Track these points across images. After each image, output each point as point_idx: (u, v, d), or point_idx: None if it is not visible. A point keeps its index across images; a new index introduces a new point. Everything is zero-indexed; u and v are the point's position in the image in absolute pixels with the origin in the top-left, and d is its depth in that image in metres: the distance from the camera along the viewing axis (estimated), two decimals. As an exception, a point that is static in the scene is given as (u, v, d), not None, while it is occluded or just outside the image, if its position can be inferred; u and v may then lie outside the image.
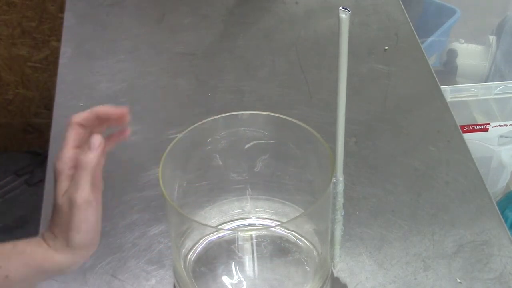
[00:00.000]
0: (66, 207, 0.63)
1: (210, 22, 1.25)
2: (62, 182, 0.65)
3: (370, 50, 1.17)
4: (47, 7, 1.63)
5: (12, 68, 1.73)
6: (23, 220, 1.55)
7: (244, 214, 0.85)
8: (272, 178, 0.84)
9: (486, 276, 0.81)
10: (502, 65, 1.72)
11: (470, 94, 1.39)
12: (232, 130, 0.79)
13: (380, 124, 1.03)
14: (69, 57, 1.16)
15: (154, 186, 0.92)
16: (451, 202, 0.90)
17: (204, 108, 1.06)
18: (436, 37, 1.65)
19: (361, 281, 0.80)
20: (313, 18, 1.25)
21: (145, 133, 1.01)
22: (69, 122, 0.68)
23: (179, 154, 0.75)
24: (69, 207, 0.63)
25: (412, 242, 0.85)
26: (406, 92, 1.09)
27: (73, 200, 0.63)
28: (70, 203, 0.63)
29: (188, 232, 0.78)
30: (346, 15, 0.59)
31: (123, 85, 1.10)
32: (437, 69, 1.51)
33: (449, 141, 0.99)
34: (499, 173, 1.49)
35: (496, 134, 1.44)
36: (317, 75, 1.12)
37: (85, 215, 0.63)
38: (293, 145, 0.79)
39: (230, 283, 0.78)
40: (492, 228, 0.86)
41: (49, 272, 0.65)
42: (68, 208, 0.63)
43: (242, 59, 1.16)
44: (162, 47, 1.19)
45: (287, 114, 0.77)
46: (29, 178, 1.64)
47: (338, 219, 0.75)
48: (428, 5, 1.72)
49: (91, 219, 0.64)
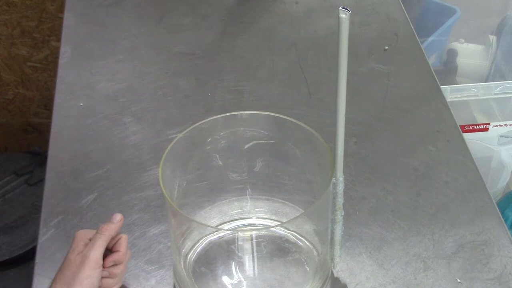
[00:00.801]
0: (78, 263, 0.70)
1: (210, 22, 1.25)
2: (79, 245, 0.72)
3: (370, 50, 1.17)
4: (46, 7, 1.63)
5: (12, 68, 1.73)
6: (23, 220, 1.55)
7: (244, 214, 0.85)
8: (272, 178, 0.84)
9: (486, 276, 0.81)
10: (502, 65, 1.72)
11: (470, 94, 1.39)
12: (232, 130, 0.79)
13: (380, 124, 1.03)
14: (68, 57, 1.16)
15: (154, 186, 0.92)
16: (451, 202, 0.90)
17: (203, 108, 1.06)
18: (436, 36, 1.64)
19: (361, 281, 0.80)
20: (313, 18, 1.25)
21: (145, 133, 1.01)
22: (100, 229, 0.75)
23: (179, 154, 0.75)
24: (80, 263, 0.70)
25: (412, 242, 0.85)
26: (406, 92, 1.09)
27: (86, 256, 0.70)
28: (82, 259, 0.70)
29: (188, 232, 0.78)
30: (346, 15, 0.59)
31: (123, 85, 1.10)
32: (437, 69, 1.50)
33: (449, 141, 0.99)
34: (499, 173, 1.49)
35: (496, 134, 1.44)
36: (317, 75, 1.12)
37: (92, 273, 0.70)
38: (293, 145, 0.79)
39: (230, 283, 0.78)
40: (492, 228, 0.86)
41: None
42: (79, 263, 0.70)
43: (242, 59, 1.16)
44: (162, 47, 1.19)
45: (287, 114, 0.77)
46: (29, 178, 1.64)
47: (338, 219, 0.75)
48: (428, 5, 1.72)
49: (95, 281, 0.70)
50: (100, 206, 0.90)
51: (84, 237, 0.73)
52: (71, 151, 0.99)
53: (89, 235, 0.73)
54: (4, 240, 1.52)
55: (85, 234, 0.74)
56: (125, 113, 1.05)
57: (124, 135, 1.01)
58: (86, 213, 0.89)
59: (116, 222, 0.74)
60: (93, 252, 0.71)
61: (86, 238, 0.73)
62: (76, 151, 0.99)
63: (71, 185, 0.93)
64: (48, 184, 0.93)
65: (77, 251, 0.72)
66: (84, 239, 0.73)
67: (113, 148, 0.99)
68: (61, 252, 0.84)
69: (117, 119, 1.04)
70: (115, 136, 1.01)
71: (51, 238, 0.86)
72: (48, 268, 0.82)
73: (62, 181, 0.94)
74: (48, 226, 0.87)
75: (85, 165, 0.96)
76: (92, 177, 0.94)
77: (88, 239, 0.73)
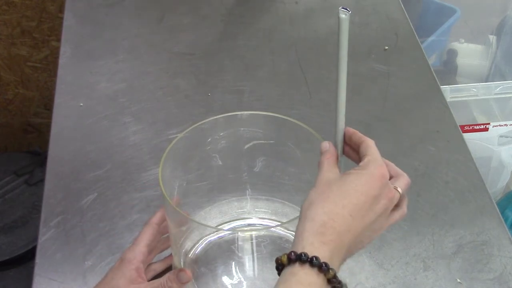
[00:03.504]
0: None
1: (210, 22, 1.25)
2: (131, 271, 0.70)
3: (370, 50, 1.17)
4: (46, 7, 1.63)
5: (12, 68, 1.73)
6: (23, 220, 1.55)
7: (244, 214, 0.85)
8: (272, 178, 0.84)
9: (486, 276, 0.81)
10: (502, 65, 1.72)
11: (470, 94, 1.39)
12: (232, 130, 0.79)
13: (380, 124, 1.03)
14: (68, 57, 1.16)
15: (154, 186, 0.92)
16: (451, 202, 0.90)
17: (203, 108, 1.06)
18: (436, 36, 1.64)
19: (361, 281, 0.80)
20: (313, 18, 1.25)
21: (145, 133, 1.01)
22: (148, 222, 0.74)
23: (179, 154, 0.75)
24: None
25: (412, 242, 0.85)
26: (406, 92, 1.09)
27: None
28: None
29: (188, 232, 0.78)
30: (346, 15, 0.59)
31: (123, 85, 1.10)
32: (437, 69, 1.50)
33: (449, 141, 0.99)
34: (499, 173, 1.48)
35: (496, 134, 1.44)
36: (316, 75, 1.12)
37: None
38: (293, 145, 0.79)
39: (230, 283, 0.78)
40: (492, 228, 0.86)
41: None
42: None
43: (242, 59, 1.16)
44: (162, 47, 1.19)
45: (287, 114, 0.77)
46: (29, 178, 1.64)
47: (338, 219, 0.75)
48: (428, 5, 1.72)
49: None
50: (100, 206, 0.90)
51: (135, 257, 0.72)
52: (71, 151, 0.99)
53: (139, 255, 0.72)
54: (4, 240, 1.52)
55: (136, 253, 0.72)
56: (125, 113, 1.05)
57: (124, 135, 1.01)
58: (86, 213, 0.89)
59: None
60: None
61: (136, 260, 0.71)
62: (76, 151, 0.99)
63: (71, 185, 0.93)
64: (48, 184, 0.93)
65: (127, 278, 0.70)
66: (134, 262, 0.71)
67: (113, 148, 0.99)
68: (61, 252, 0.84)
69: (117, 119, 1.04)
70: (115, 136, 1.01)
71: (51, 238, 0.86)
72: (48, 268, 0.82)
73: (62, 181, 0.94)
74: (48, 226, 0.87)
75: (85, 165, 0.96)
76: (92, 177, 0.94)
77: (138, 261, 0.72)
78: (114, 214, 0.89)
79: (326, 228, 0.56)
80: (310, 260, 0.54)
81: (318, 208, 0.57)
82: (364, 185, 0.59)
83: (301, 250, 0.55)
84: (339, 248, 0.57)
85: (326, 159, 0.63)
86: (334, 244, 0.56)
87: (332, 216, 0.57)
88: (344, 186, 0.59)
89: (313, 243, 0.55)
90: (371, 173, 0.60)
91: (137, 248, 0.72)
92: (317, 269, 0.54)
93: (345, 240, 0.57)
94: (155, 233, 0.74)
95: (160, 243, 0.77)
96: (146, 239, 0.73)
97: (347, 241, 0.57)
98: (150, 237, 0.73)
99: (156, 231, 0.74)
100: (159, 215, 0.75)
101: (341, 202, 0.57)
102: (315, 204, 0.58)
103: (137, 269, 0.71)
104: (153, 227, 0.74)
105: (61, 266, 0.83)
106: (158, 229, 0.75)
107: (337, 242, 0.56)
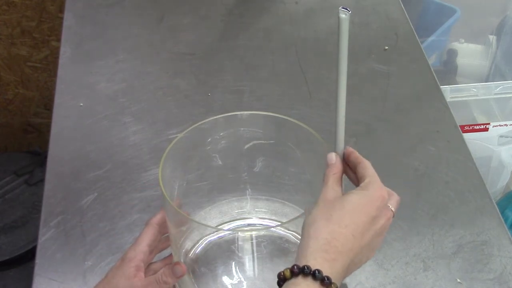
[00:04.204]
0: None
1: (210, 22, 1.25)
2: (131, 268, 0.69)
3: (370, 50, 1.17)
4: (46, 7, 1.63)
5: (12, 68, 1.73)
6: (23, 220, 1.55)
7: (244, 214, 0.85)
8: (271, 178, 0.84)
9: (486, 276, 0.81)
10: (502, 65, 1.72)
11: (470, 94, 1.39)
12: (231, 130, 0.79)
13: (380, 124, 1.03)
14: (68, 57, 1.16)
15: (154, 186, 0.92)
16: (451, 202, 0.90)
17: (203, 108, 1.06)
18: (436, 36, 1.64)
19: (361, 282, 0.80)
20: (313, 18, 1.25)
21: (145, 133, 1.01)
22: (149, 222, 0.73)
23: (179, 154, 0.75)
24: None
25: (412, 242, 0.85)
26: (406, 92, 1.09)
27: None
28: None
29: (188, 232, 0.78)
30: (346, 15, 0.59)
31: (123, 85, 1.10)
32: (437, 69, 1.50)
33: (449, 141, 0.99)
34: (499, 173, 1.48)
35: (496, 134, 1.44)
36: (316, 75, 1.12)
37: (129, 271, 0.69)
38: (293, 145, 0.79)
39: (230, 283, 0.78)
40: (492, 228, 0.86)
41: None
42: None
43: (242, 59, 1.16)
44: (162, 47, 1.19)
45: (287, 114, 0.77)
46: (29, 178, 1.64)
47: (338, 219, 0.75)
48: (428, 5, 1.72)
49: None
50: (100, 206, 0.90)
51: (136, 256, 0.71)
52: (71, 151, 0.99)
53: (141, 254, 0.71)
54: (4, 240, 1.52)
55: (137, 252, 0.71)
56: (125, 113, 1.05)
57: (124, 135, 1.01)
58: (86, 213, 0.89)
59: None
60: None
61: (137, 258, 0.71)
62: (76, 151, 0.99)
63: (71, 185, 0.93)
64: (48, 184, 0.93)
65: (127, 275, 0.69)
66: (135, 260, 0.71)
67: (113, 148, 0.99)
68: (61, 252, 0.84)
69: (117, 119, 1.04)
70: (115, 136, 1.01)
71: (51, 238, 0.86)
72: (48, 268, 0.82)
73: (62, 181, 0.94)
74: (48, 226, 0.87)
75: (85, 165, 0.96)
76: (92, 177, 0.94)
77: (139, 260, 0.71)
78: (114, 214, 0.89)
79: (330, 247, 0.58)
80: (313, 273, 0.56)
81: (321, 226, 0.60)
82: (365, 206, 0.61)
83: (304, 264, 0.57)
84: (340, 266, 0.58)
85: (332, 175, 0.66)
86: (336, 262, 0.58)
87: (335, 236, 0.59)
88: (347, 206, 0.61)
89: (316, 258, 0.57)
90: (372, 194, 0.62)
91: (138, 247, 0.72)
92: (319, 283, 0.56)
93: (346, 259, 0.59)
94: (156, 233, 0.74)
95: (160, 242, 0.77)
96: (147, 239, 0.73)
97: (348, 259, 0.59)
98: (151, 237, 0.73)
99: (157, 231, 0.74)
100: (159, 215, 0.75)
101: (343, 222, 0.60)
102: (318, 222, 0.60)
103: (137, 267, 0.71)
104: (154, 227, 0.74)
105: (61, 266, 0.83)
106: (159, 229, 0.75)
107: (339, 261, 0.58)
